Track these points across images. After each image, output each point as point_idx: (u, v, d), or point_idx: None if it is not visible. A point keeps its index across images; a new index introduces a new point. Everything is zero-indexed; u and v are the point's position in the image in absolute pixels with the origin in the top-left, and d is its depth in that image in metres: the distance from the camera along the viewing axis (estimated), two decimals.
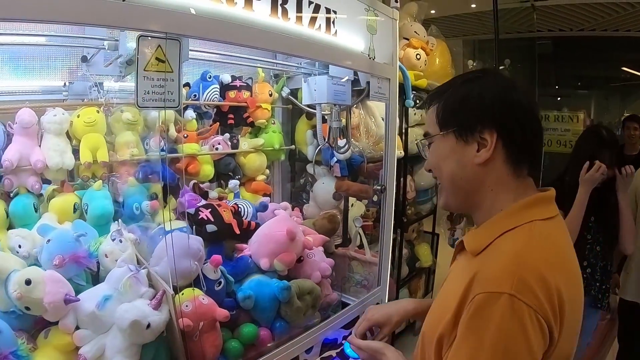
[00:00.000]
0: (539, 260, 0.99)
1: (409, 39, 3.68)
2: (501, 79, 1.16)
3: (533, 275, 0.96)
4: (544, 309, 0.94)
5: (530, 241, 1.03)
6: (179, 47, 1.29)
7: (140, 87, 1.23)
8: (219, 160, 2.49)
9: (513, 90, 1.11)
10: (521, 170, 1.12)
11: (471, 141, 1.11)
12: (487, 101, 1.10)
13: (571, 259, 1.10)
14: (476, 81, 1.15)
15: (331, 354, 2.08)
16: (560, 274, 1.00)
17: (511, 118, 1.09)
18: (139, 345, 1.48)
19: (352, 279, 2.56)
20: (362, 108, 2.78)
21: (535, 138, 1.13)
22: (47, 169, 1.82)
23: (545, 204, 1.12)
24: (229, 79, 2.49)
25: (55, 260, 1.50)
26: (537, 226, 1.06)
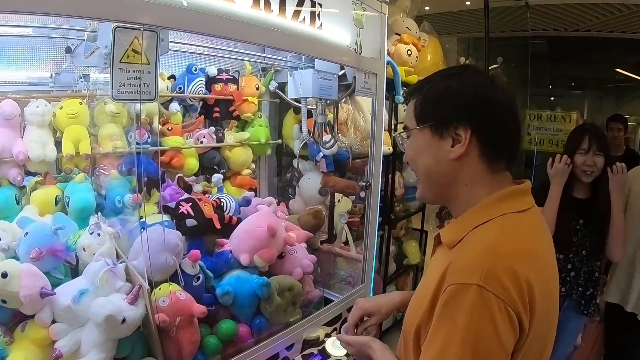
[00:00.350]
0: (508, 253, 1.01)
1: (401, 35, 3.65)
2: (480, 76, 1.17)
3: (502, 266, 0.98)
4: (512, 300, 0.95)
5: (501, 234, 1.05)
6: (157, 39, 1.26)
7: (115, 79, 1.20)
8: (203, 154, 2.47)
9: (491, 88, 1.12)
10: (497, 165, 1.13)
11: (446, 136, 1.11)
12: (463, 98, 1.11)
13: (545, 251, 1.12)
14: (455, 77, 1.15)
15: (312, 352, 2.07)
16: (530, 265, 1.01)
17: (486, 115, 1.10)
18: (115, 340, 1.47)
19: (337, 276, 2.55)
20: (351, 103, 2.76)
21: (511, 135, 1.14)
22: (29, 160, 1.81)
23: (518, 196, 1.13)
24: (215, 72, 2.47)
25: (32, 254, 1.48)
26: (509, 219, 1.07)
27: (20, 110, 1.83)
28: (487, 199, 1.11)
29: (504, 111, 1.11)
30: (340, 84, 2.39)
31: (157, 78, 1.30)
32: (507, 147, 1.14)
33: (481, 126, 1.09)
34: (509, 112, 1.12)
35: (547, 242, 1.14)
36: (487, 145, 1.10)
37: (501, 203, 1.10)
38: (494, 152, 1.12)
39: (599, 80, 9.43)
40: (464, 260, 1.03)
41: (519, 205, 1.10)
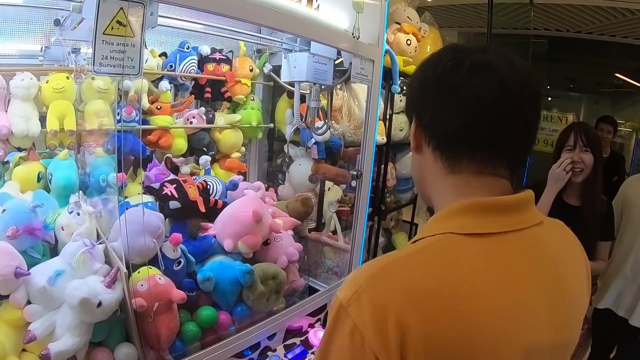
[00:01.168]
0: (392, 283, 0.78)
1: (401, 24, 3.59)
2: (439, 53, 0.93)
3: (375, 295, 0.77)
4: (372, 337, 0.74)
5: (405, 258, 0.82)
6: (144, 11, 1.20)
7: (98, 51, 1.15)
8: (193, 135, 2.41)
9: (437, 65, 0.89)
10: (458, 165, 0.88)
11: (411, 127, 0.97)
12: (418, 82, 0.94)
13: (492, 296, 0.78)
14: (427, 60, 0.94)
15: (295, 342, 2.03)
16: (424, 309, 0.74)
17: (423, 97, 0.92)
18: (90, 324, 1.43)
19: (324, 265, 2.52)
20: (346, 90, 2.72)
21: (465, 123, 0.85)
22: (12, 135, 1.76)
23: (483, 212, 0.85)
24: (208, 51, 2.40)
25: (8, 232, 1.43)
26: (444, 242, 0.82)
27: (5, 83, 1.77)
28: (446, 208, 0.88)
29: (440, 88, 0.88)
30: (336, 69, 2.34)
31: (142, 52, 1.24)
32: (464, 141, 0.87)
33: (420, 111, 0.92)
34: (451, 87, 0.86)
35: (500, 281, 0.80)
36: (431, 132, 0.91)
37: (451, 218, 0.86)
38: (446, 148, 0.89)
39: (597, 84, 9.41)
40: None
41: (478, 227, 0.83)
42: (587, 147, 2.48)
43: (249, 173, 2.89)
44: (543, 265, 0.86)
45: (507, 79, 0.84)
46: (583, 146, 2.48)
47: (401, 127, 3.64)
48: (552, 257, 0.88)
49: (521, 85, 0.85)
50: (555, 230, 0.96)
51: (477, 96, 0.83)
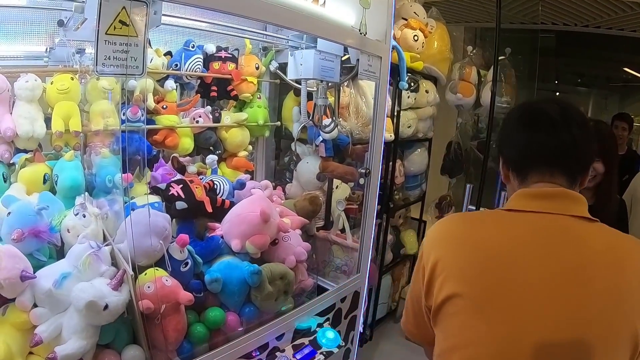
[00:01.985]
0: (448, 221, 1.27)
1: (408, 20, 3.57)
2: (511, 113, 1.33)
3: (438, 225, 1.28)
4: (423, 248, 1.25)
5: (465, 214, 1.39)
6: (147, 10, 1.18)
7: (100, 51, 1.13)
8: (199, 134, 2.39)
9: (514, 111, 1.32)
10: (527, 180, 1.22)
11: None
12: (502, 132, 1.34)
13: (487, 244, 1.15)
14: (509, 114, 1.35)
15: (304, 342, 2.01)
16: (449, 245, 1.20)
17: (503, 143, 1.31)
18: (97, 327, 1.41)
19: (332, 264, 2.50)
20: (353, 87, 2.69)
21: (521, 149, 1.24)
22: (18, 137, 1.75)
23: (517, 198, 1.21)
24: (214, 50, 2.38)
25: (13, 235, 1.42)
26: (489, 212, 1.40)
27: (10, 85, 1.76)
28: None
29: (513, 127, 1.27)
30: (343, 66, 2.32)
31: (146, 52, 1.22)
32: (525, 162, 1.23)
33: (501, 147, 1.31)
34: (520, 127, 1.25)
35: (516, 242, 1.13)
36: (508, 164, 1.28)
37: (506, 203, 1.24)
38: (515, 169, 1.25)
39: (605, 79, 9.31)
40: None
41: (513, 205, 1.20)
42: (599, 156, 2.44)
43: (256, 172, 2.87)
44: (564, 245, 1.09)
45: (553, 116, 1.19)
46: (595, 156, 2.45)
47: (409, 124, 3.62)
48: (579, 244, 1.09)
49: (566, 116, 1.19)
50: (605, 231, 1.15)
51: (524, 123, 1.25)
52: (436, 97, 3.96)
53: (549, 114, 1.19)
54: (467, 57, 4.49)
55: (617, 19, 5.80)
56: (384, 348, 3.91)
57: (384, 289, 3.98)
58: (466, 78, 4.35)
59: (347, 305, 2.37)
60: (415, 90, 3.69)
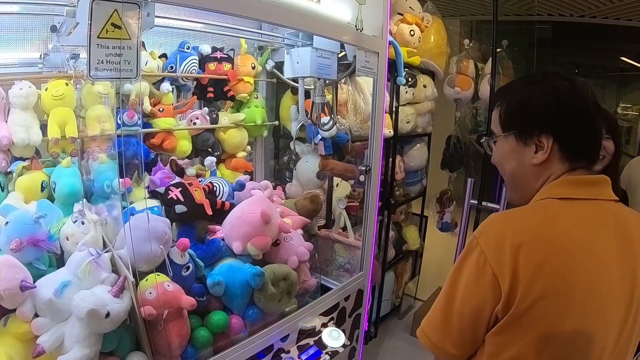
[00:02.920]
0: (509, 222, 1.14)
1: (403, 15, 3.55)
2: (560, 82, 1.19)
3: (498, 230, 1.13)
4: (493, 258, 1.07)
5: (519, 210, 1.17)
6: (139, 11, 1.16)
7: (93, 55, 1.11)
8: (197, 136, 2.38)
9: (570, 93, 1.16)
10: (576, 164, 1.18)
11: (529, 143, 1.20)
12: (544, 106, 1.17)
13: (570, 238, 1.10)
14: (536, 85, 1.21)
15: (308, 342, 1.99)
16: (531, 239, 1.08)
17: (566, 122, 1.16)
18: (99, 334, 1.39)
19: (335, 262, 2.48)
20: (351, 84, 2.68)
21: (591, 136, 1.18)
22: (14, 145, 1.74)
23: (569, 185, 1.17)
24: (209, 50, 2.36)
25: (11, 245, 1.40)
26: (545, 202, 1.16)
27: (4, 92, 1.75)
28: (548, 184, 1.20)
29: (583, 116, 1.16)
30: (340, 63, 2.30)
31: (140, 55, 1.20)
32: (587, 149, 1.19)
33: (562, 133, 1.16)
34: (589, 115, 1.16)
35: (581, 232, 1.11)
36: (567, 150, 1.17)
37: (549, 190, 1.18)
38: (574, 154, 1.18)
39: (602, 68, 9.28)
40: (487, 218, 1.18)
41: (566, 193, 1.15)
42: (609, 134, 2.43)
43: (255, 172, 2.86)
44: (619, 230, 1.13)
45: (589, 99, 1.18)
46: (605, 134, 2.43)
47: (408, 119, 3.60)
48: (628, 228, 1.15)
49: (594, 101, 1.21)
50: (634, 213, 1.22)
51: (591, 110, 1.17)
52: (434, 92, 3.94)
53: (594, 99, 1.22)
54: (464, 50, 4.46)
55: (613, 8, 5.79)
56: (389, 345, 3.90)
57: (387, 285, 3.97)
58: (464, 71, 4.33)
59: (351, 303, 2.35)
60: (413, 85, 3.67)
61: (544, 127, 1.16)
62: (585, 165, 1.19)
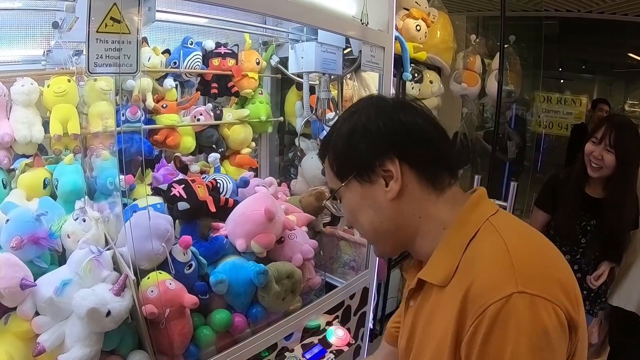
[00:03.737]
0: (529, 250, 0.92)
1: (409, 10, 3.51)
2: (382, 102, 1.09)
3: (532, 266, 0.87)
4: (558, 298, 0.83)
5: (504, 234, 0.93)
6: (139, 6, 1.14)
7: (92, 50, 1.09)
8: (201, 132, 2.36)
9: (398, 110, 1.04)
10: (441, 182, 1.04)
11: (375, 179, 1.02)
12: (374, 131, 1.02)
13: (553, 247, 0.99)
14: (355, 115, 1.07)
15: (313, 341, 1.98)
16: (553, 259, 0.94)
17: (406, 138, 1.01)
18: (100, 333, 1.38)
19: (340, 260, 2.46)
20: (356, 79, 2.64)
21: (439, 145, 1.04)
22: (16, 142, 1.73)
23: (485, 199, 1.05)
24: (213, 46, 2.34)
25: (12, 242, 1.38)
26: (497, 220, 0.98)
27: (6, 90, 1.74)
28: (459, 214, 1.01)
29: (421, 126, 1.03)
30: (346, 58, 2.27)
31: (140, 49, 1.18)
32: (441, 160, 1.04)
33: (406, 151, 1.01)
34: (427, 124, 1.04)
35: (542, 235, 1.02)
36: (420, 167, 1.02)
37: (476, 210, 1.01)
38: (431, 171, 1.03)
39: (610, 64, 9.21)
40: (484, 276, 0.88)
41: (493, 206, 1.03)
42: (612, 147, 2.37)
43: (260, 168, 2.84)
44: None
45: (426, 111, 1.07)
46: (608, 145, 2.38)
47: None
48: None
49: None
50: None
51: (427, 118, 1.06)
52: (441, 88, 3.91)
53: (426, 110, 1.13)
54: (471, 46, 4.43)
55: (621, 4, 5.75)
56: None
57: (392, 283, 3.94)
58: (470, 67, 4.30)
59: (357, 301, 2.33)
60: (419, 81, 3.65)
61: (383, 153, 1.00)
62: (451, 181, 1.05)
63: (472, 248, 0.94)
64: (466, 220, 0.99)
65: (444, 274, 0.96)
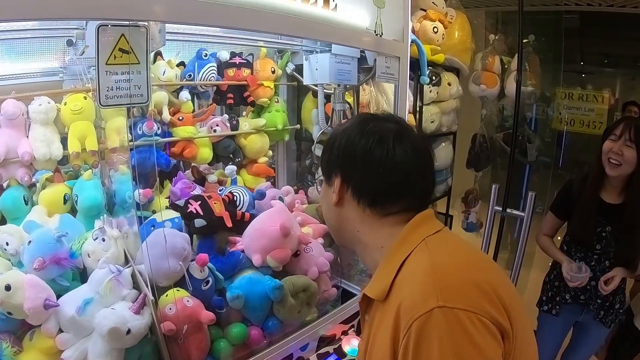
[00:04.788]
0: (451, 264, 0.98)
1: (426, 11, 3.49)
2: (359, 123, 1.17)
3: (454, 279, 0.94)
4: (481, 308, 0.88)
5: (434, 253, 1.01)
6: (146, 34, 1.16)
7: (102, 83, 1.11)
8: (217, 143, 2.37)
9: (360, 136, 1.12)
10: (384, 208, 1.12)
11: (330, 184, 1.18)
12: (338, 147, 1.15)
13: (486, 257, 1.12)
14: (343, 127, 1.21)
15: (328, 351, 1.99)
16: (483, 270, 1.01)
17: (350, 164, 1.12)
18: (121, 349, 1.42)
19: (357, 267, 2.46)
20: (373, 85, 2.64)
21: (389, 180, 1.10)
22: (36, 160, 1.76)
23: (429, 219, 1.12)
24: (228, 56, 2.35)
25: (35, 264, 1.43)
26: (433, 239, 1.05)
27: (25, 108, 1.77)
28: (399, 235, 1.08)
29: (369, 160, 1.10)
30: (360, 67, 2.26)
31: (149, 78, 1.20)
32: (390, 193, 1.11)
33: (348, 175, 1.13)
34: (378, 159, 1.09)
35: (480, 251, 1.18)
36: (361, 193, 1.12)
37: (416, 230, 1.08)
38: (370, 197, 1.11)
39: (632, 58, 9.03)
40: (411, 293, 0.94)
41: (434, 227, 1.10)
42: (632, 141, 2.33)
43: (277, 177, 2.84)
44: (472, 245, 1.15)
45: (417, 143, 1.12)
46: (628, 140, 2.33)
47: (432, 119, 3.56)
48: None
49: (426, 145, 1.18)
50: None
51: (401, 164, 1.08)
52: (459, 90, 3.88)
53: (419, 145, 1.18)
54: (490, 46, 4.38)
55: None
56: None
57: None
58: (489, 68, 4.25)
59: None
60: (437, 84, 3.62)
61: (334, 167, 1.15)
62: (407, 208, 1.12)
63: (406, 266, 1.02)
64: (404, 241, 1.06)
65: (381, 289, 1.03)
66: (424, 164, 1.13)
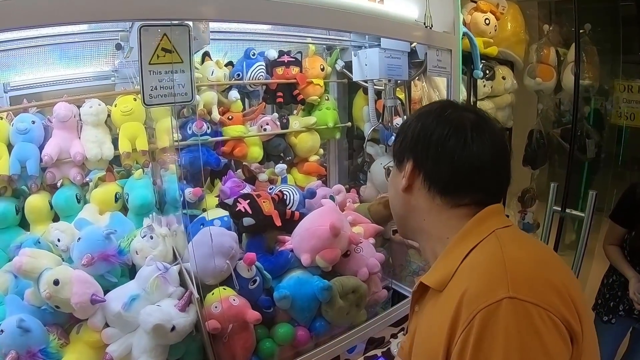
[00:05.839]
0: (523, 259, 0.94)
1: (477, 2, 3.39)
2: (437, 110, 1.14)
3: (527, 272, 0.90)
4: (553, 305, 0.84)
5: (505, 245, 0.96)
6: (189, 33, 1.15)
7: (146, 82, 1.11)
8: (268, 142, 2.38)
9: (438, 123, 1.09)
10: (455, 199, 1.08)
11: (401, 169, 1.15)
12: (412, 132, 1.12)
13: (558, 257, 1.04)
14: (419, 113, 1.19)
15: (376, 354, 1.95)
16: (556, 269, 0.95)
17: (425, 151, 1.09)
18: (165, 345, 1.44)
19: (409, 268, 2.41)
20: (425, 80, 2.58)
21: (461, 171, 1.06)
22: (87, 160, 1.82)
23: (498, 214, 1.08)
24: (276, 55, 2.35)
25: (83, 260, 1.46)
26: (504, 232, 1.01)
27: (77, 110, 1.84)
28: (466, 225, 1.05)
29: (444, 148, 1.06)
30: (411, 61, 2.21)
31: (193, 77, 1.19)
32: (462, 184, 1.07)
33: (421, 161, 1.10)
34: (454, 148, 1.05)
35: (550, 249, 1.10)
36: (432, 180, 1.09)
37: (484, 223, 1.04)
38: (445, 187, 1.08)
39: None
40: (478, 282, 0.90)
41: (504, 221, 1.05)
42: None
43: (329, 175, 2.82)
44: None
45: (496, 137, 1.08)
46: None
47: None
48: None
49: (504, 140, 1.14)
50: None
51: (477, 156, 1.04)
52: (514, 83, 3.74)
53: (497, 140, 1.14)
54: (544, 37, 4.22)
55: None
56: None
57: None
58: (545, 60, 4.08)
59: None
60: (491, 78, 3.51)
61: (408, 152, 1.12)
62: (475, 202, 1.07)
63: (472, 256, 0.97)
64: (470, 232, 1.03)
65: (441, 278, 1.00)
66: (501, 158, 1.09)
